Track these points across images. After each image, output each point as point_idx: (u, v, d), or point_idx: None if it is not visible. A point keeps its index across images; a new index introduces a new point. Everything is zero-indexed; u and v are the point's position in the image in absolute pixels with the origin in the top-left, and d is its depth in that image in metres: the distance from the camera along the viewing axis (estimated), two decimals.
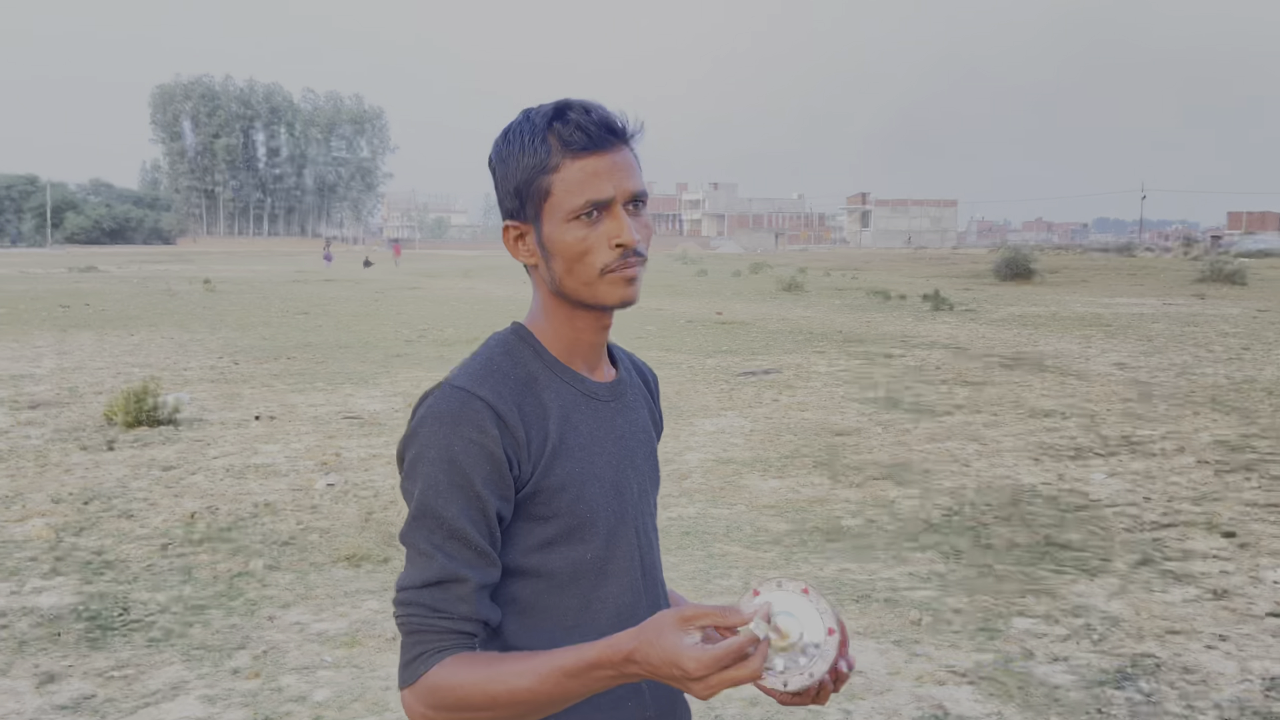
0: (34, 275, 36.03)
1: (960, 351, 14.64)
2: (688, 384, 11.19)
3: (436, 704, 1.16)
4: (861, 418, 9.30)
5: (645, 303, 24.50)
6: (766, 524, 5.90)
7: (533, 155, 1.24)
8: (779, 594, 1.18)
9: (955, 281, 34.89)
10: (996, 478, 7.04)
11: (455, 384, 1.22)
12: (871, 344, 15.60)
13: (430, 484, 1.19)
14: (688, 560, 5.22)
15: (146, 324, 17.93)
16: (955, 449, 7.99)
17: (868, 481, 6.93)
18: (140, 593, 4.73)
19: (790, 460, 7.54)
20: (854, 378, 11.85)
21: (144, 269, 42.83)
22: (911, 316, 20.83)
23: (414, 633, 1.20)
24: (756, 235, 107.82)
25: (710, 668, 1.04)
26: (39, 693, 3.66)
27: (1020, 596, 4.72)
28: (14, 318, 18.76)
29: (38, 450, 7.64)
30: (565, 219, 1.24)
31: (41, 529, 5.63)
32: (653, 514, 1.40)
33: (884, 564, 5.21)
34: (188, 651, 4.07)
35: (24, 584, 4.80)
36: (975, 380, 11.69)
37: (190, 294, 26.36)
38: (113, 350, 14.06)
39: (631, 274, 1.26)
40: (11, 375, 11.49)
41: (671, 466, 7.26)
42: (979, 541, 5.58)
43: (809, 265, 47.95)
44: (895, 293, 27.27)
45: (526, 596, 1.27)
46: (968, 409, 9.80)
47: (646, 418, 1.43)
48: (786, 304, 24.51)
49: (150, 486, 6.64)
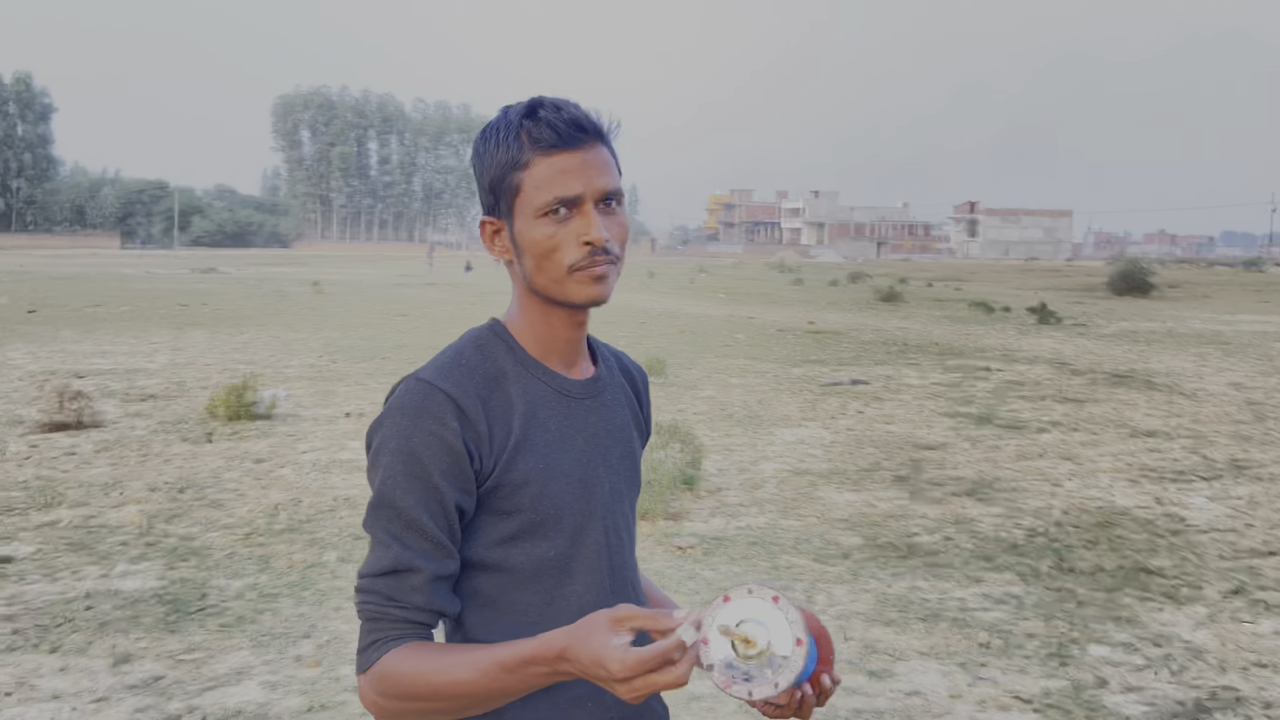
0: (158, 276, 37.96)
1: (1063, 367, 14.11)
2: (770, 393, 11.06)
3: (385, 691, 1.17)
4: (949, 433, 9.04)
5: (734, 310, 24.40)
6: (837, 537, 5.77)
7: (505, 152, 1.24)
8: (749, 601, 1.15)
9: (1065, 295, 33.68)
10: (1088, 499, 6.74)
11: (421, 377, 1.23)
12: (969, 357, 15.17)
13: (389, 474, 1.20)
14: (752, 570, 5.15)
15: (256, 323, 18.67)
16: (1047, 468, 7.69)
17: (948, 498, 6.72)
18: (219, 579, 4.91)
19: (869, 474, 7.37)
20: (946, 391, 11.53)
21: (260, 271, 44.67)
22: (1015, 330, 20.18)
23: (370, 620, 1.21)
24: (858, 244, 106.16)
25: (634, 670, 1.02)
26: (112, 672, 3.83)
27: (1099, 623, 4.50)
28: (136, 315, 19.79)
29: (141, 440, 8.03)
30: (535, 215, 1.23)
31: (135, 515, 5.90)
32: (627, 514, 1.38)
33: (957, 583, 5.04)
34: (256, 638, 4.20)
35: (113, 568, 5.03)
36: (1076, 397, 11.24)
37: (300, 296, 27.36)
38: (222, 348, 14.68)
39: (600, 272, 1.24)
40: (127, 369, 12.11)
41: (745, 476, 7.18)
42: (1061, 564, 5.34)
43: (911, 275, 46.95)
44: (999, 305, 26.46)
45: (489, 590, 1.26)
46: (1065, 427, 9.42)
47: (627, 417, 1.41)
48: (883, 314, 24.04)
49: (241, 478, 6.90)
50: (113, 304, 22.45)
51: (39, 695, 3.62)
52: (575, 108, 1.25)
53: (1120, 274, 33.49)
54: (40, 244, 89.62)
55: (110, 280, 33.07)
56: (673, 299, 29.18)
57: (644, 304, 26.62)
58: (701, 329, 19.26)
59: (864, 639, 4.30)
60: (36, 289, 27.18)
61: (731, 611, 1.14)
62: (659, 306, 25.67)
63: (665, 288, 35.50)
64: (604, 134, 1.27)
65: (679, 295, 31.13)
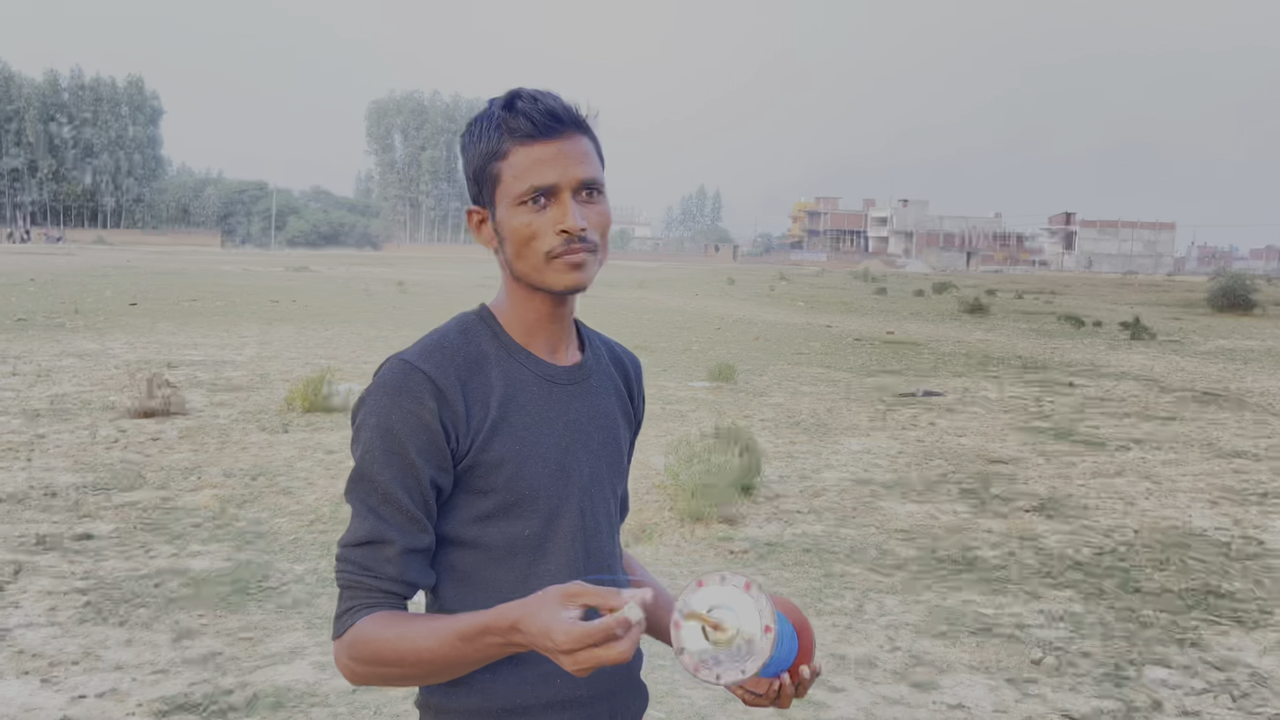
0: (254, 273, 39.33)
1: (1152, 384, 13.63)
2: (840, 402, 10.94)
3: (355, 656, 1.22)
4: (1024, 447, 8.82)
5: (812, 318, 24.17)
6: (894, 548, 5.69)
7: (486, 143, 1.28)
8: (721, 588, 1.17)
9: (1162, 310, 32.50)
10: (1163, 519, 6.50)
11: (403, 357, 1.27)
12: (1052, 371, 14.76)
13: (368, 449, 1.24)
14: (802, 578, 5.11)
15: (341, 320, 19.21)
16: (1123, 486, 7.44)
17: (1015, 513, 6.56)
18: (282, 562, 5.08)
19: (934, 486, 7.24)
20: (1025, 405, 11.24)
21: (349, 271, 45.91)
22: (1105, 345, 19.56)
23: (346, 588, 1.26)
24: (947, 255, 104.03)
25: (579, 642, 1.04)
26: (173, 647, 4.00)
27: (1161, 644, 4.34)
28: (229, 310, 20.55)
29: (222, 428, 8.34)
30: (514, 204, 1.27)
31: (209, 499, 6.14)
32: (608, 498, 1.40)
33: (1014, 599, 4.92)
34: (311, 620, 4.33)
35: (184, 548, 5.24)
36: (1162, 415, 10.85)
37: (385, 294, 28.05)
38: (307, 342, 15.15)
39: (578, 260, 1.27)
40: (216, 361, 12.59)
41: (806, 483, 7.12)
42: (1127, 584, 5.17)
43: (1000, 287, 45.85)
44: (1090, 319, 25.67)
45: (465, 566, 1.30)
46: (1147, 445, 9.11)
47: (613, 404, 1.43)
48: (966, 326, 23.53)
49: (312, 467, 7.12)
50: (209, 299, 23.34)
51: (103, 665, 3.80)
52: (553, 98, 1.27)
53: (1221, 290, 32.16)
54: (146, 240, 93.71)
55: (209, 276, 34.40)
56: (750, 306, 29.05)
57: (720, 310, 26.57)
58: (776, 336, 19.13)
59: (911, 650, 4.23)
60: (140, 283, 28.42)
61: (703, 597, 1.15)
62: (736, 313, 25.59)
63: (744, 295, 35.36)
64: (582, 124, 1.29)
65: (757, 302, 30.97)
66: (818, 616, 4.58)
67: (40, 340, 13.97)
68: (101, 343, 14.03)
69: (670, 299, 31.24)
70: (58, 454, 7.24)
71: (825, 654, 4.14)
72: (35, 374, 10.87)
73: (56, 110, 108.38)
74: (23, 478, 6.53)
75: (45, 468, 6.82)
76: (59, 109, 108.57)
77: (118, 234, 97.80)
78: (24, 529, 5.44)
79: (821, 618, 4.56)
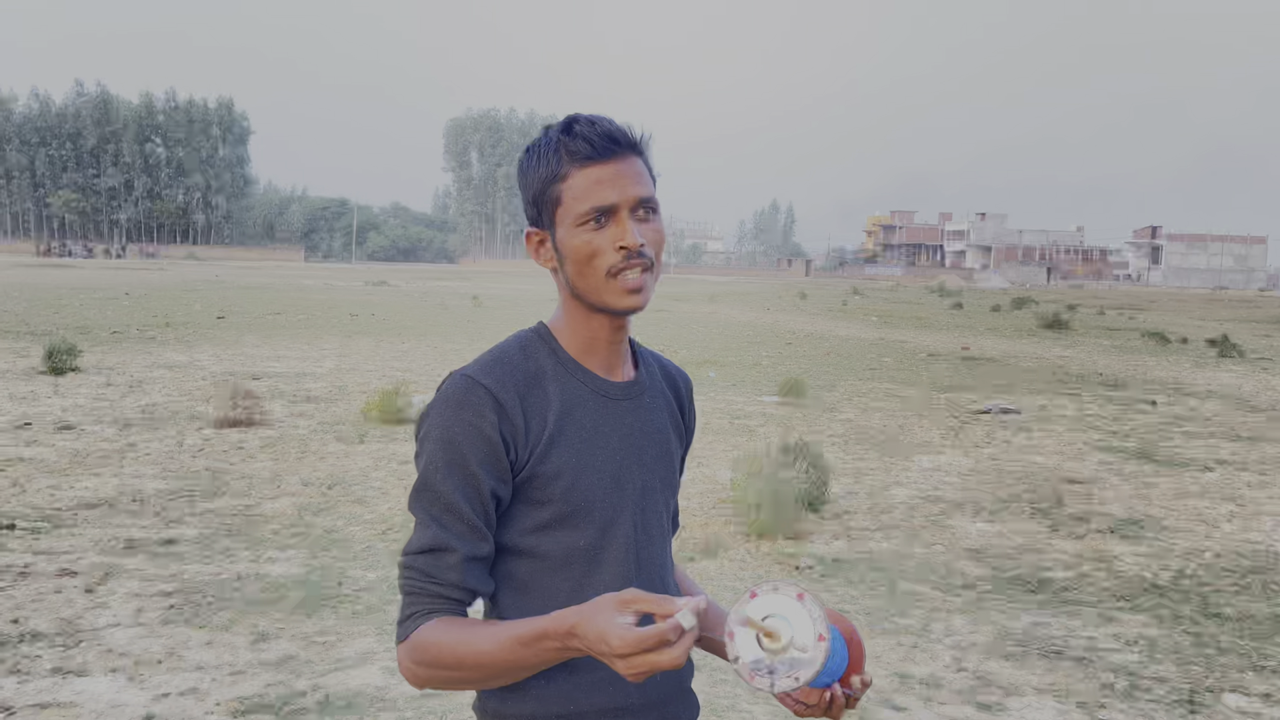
0: (335, 287, 40.38)
1: (1240, 403, 13.16)
2: (912, 418, 10.80)
3: (418, 660, 1.28)
4: (1101, 467, 8.60)
5: (885, 333, 23.87)
6: (963, 567, 5.61)
7: (546, 166, 1.34)
8: (774, 598, 1.20)
9: (1253, 327, 31.33)
10: (1246, 542, 6.29)
11: (465, 372, 1.34)
12: (1134, 389, 14.35)
13: (431, 461, 1.31)
14: (868, 595, 5.07)
15: (417, 334, 19.62)
16: (1205, 508, 7.21)
17: (1090, 534, 6.41)
18: (355, 570, 5.22)
19: (1006, 504, 7.11)
20: (1104, 424, 10.95)
21: (426, 285, 46.82)
22: (1190, 362, 18.94)
23: (409, 594, 1.32)
24: (1026, 269, 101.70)
25: (634, 647, 1.08)
26: (251, 649, 4.15)
27: (1239, 671, 4.21)
28: (310, 323, 21.15)
29: (301, 439, 8.60)
30: (574, 224, 1.32)
31: (287, 507, 6.35)
32: (660, 511, 1.44)
33: (1087, 622, 4.81)
34: (381, 626, 4.45)
35: (263, 553, 5.43)
36: (1249, 436, 10.47)
37: (460, 309, 28.55)
38: (384, 355, 15.51)
39: (636, 283, 1.32)
40: (297, 373, 12.98)
41: (874, 500, 7.06)
42: (1205, 608, 5.02)
43: (1082, 302, 44.68)
44: (1176, 336, 24.87)
45: (523, 575, 1.36)
46: (1232, 466, 8.81)
47: (665, 420, 1.48)
48: (1046, 342, 23.00)
49: (386, 477, 7.30)
50: (292, 312, 24.05)
51: (185, 665, 3.96)
52: (609, 122, 1.33)
53: None
54: (234, 255, 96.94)
55: (292, 291, 35.43)
56: (822, 320, 28.82)
57: (792, 325, 26.42)
58: (848, 351, 18.95)
59: (978, 671, 4.18)
60: (227, 297, 29.41)
61: (758, 606, 1.19)
62: (808, 328, 25.41)
63: (816, 309, 35.09)
64: (637, 145, 1.35)
65: (829, 317, 30.71)
66: (883, 635, 4.54)
67: (133, 352, 14.57)
68: (190, 355, 14.58)
69: (741, 313, 31.16)
70: (147, 462, 7.55)
71: (890, 673, 4.11)
72: (128, 385, 11.34)
73: (152, 131, 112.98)
74: (114, 484, 6.83)
75: (135, 474, 7.13)
76: (154, 130, 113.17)
77: (207, 250, 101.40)
78: (114, 533, 5.69)
79: (887, 636, 4.53)
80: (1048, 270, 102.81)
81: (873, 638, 4.50)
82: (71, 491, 6.58)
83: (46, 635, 4.20)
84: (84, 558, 5.24)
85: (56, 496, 6.45)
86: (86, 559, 5.22)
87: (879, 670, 4.12)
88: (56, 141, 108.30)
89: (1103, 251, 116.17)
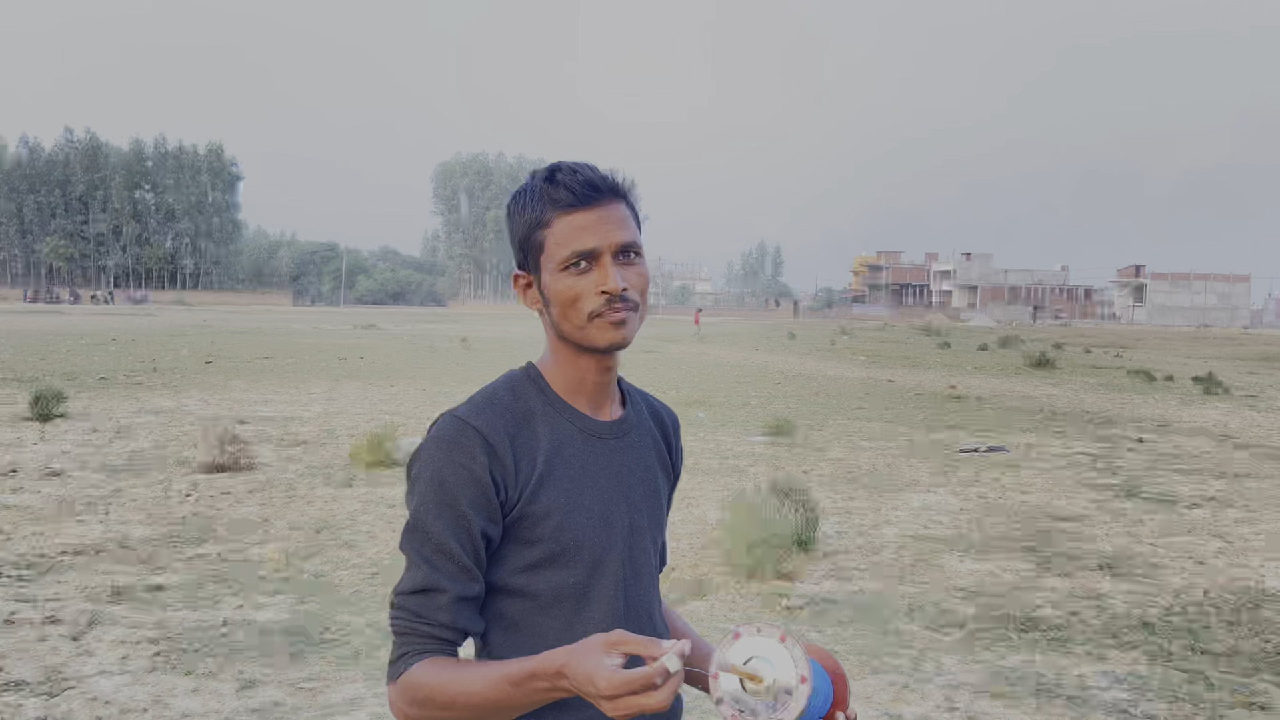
0: (324, 330, 40.35)
1: (1226, 440, 13.23)
2: (901, 458, 10.82)
3: (409, 700, 1.29)
4: (1090, 504, 8.63)
5: (873, 373, 23.96)
6: (953, 606, 5.61)
7: (530, 213, 1.38)
8: (756, 639, 1.21)
9: (1238, 364, 31.58)
10: (1235, 579, 6.31)
11: (456, 413, 1.36)
12: (1121, 427, 14.42)
13: (423, 501, 1.33)
14: (859, 636, 5.06)
15: (406, 377, 19.59)
16: (1193, 544, 7.23)
17: (1080, 572, 6.42)
18: (343, 615, 5.19)
19: (996, 543, 7.12)
20: (1091, 462, 11.00)
21: (415, 328, 46.84)
22: (1176, 400, 19.04)
23: (400, 634, 1.33)
24: (1012, 309, 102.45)
25: (619, 689, 1.09)
26: (238, 695, 4.11)
27: (1229, 708, 4.21)
28: (299, 367, 21.11)
29: (289, 483, 8.57)
30: (558, 269, 1.36)
31: (274, 552, 6.31)
32: (648, 549, 1.46)
33: (1077, 660, 4.81)
34: (370, 671, 4.42)
35: (250, 599, 5.39)
36: (1236, 472, 10.52)
37: (449, 351, 28.55)
38: (372, 399, 15.48)
39: (619, 319, 1.35)
40: (285, 417, 12.94)
41: (864, 539, 7.06)
42: (1195, 645, 5.02)
43: (1068, 341, 44.98)
44: (1161, 374, 25.04)
45: (513, 614, 1.37)
46: (1219, 503, 8.84)
47: (652, 458, 1.50)
48: (1033, 381, 23.11)
49: (374, 521, 7.27)
50: (280, 356, 24.01)
51: (170, 714, 3.92)
52: (591, 170, 1.37)
53: None
54: (222, 300, 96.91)
55: (280, 335, 35.38)
56: (811, 360, 28.92)
57: (781, 365, 26.49)
58: (837, 391, 19.01)
59: (969, 710, 4.16)
60: (215, 341, 29.35)
61: (740, 649, 1.21)
62: (796, 367, 25.49)
63: (805, 349, 35.22)
64: (619, 191, 1.39)
65: (817, 357, 30.82)
66: (874, 675, 4.53)
67: (120, 398, 14.51)
68: (177, 400, 14.52)
69: (730, 354, 31.25)
70: (133, 508, 7.50)
71: (881, 713, 4.10)
72: (114, 431, 11.29)
73: (141, 177, 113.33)
74: (99, 530, 6.78)
75: (121, 520, 7.08)
76: (143, 176, 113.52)
77: (196, 295, 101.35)
78: (100, 580, 5.65)
79: (877, 676, 4.52)
80: (1034, 309, 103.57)
81: (863, 677, 4.49)
82: (57, 538, 6.53)
83: (30, 684, 4.15)
84: (69, 605, 5.20)
85: (42, 543, 6.40)
86: (72, 606, 5.17)
87: (870, 710, 4.11)
88: (45, 188, 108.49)
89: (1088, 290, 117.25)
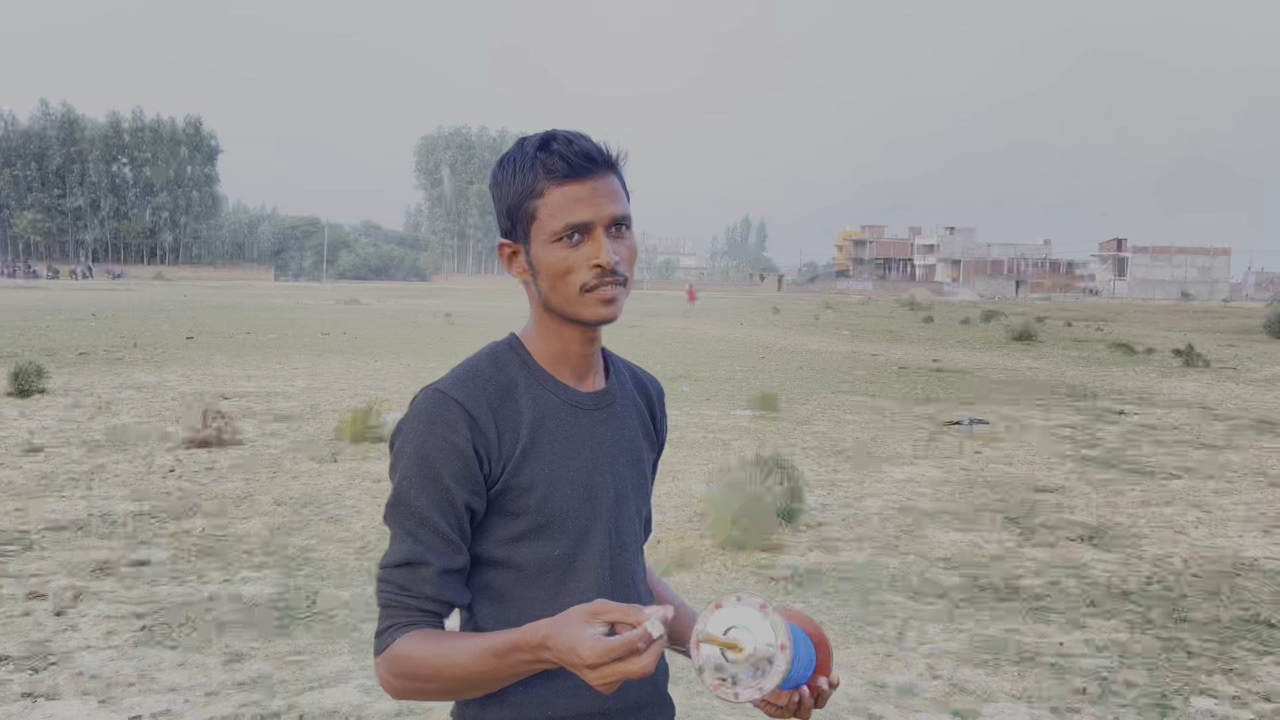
0: (306, 306, 40.10)
1: (1205, 412, 13.36)
2: (884, 431, 10.88)
3: (395, 672, 1.29)
4: (1071, 476, 8.71)
5: (857, 347, 24.04)
6: (936, 576, 5.66)
7: (521, 181, 1.35)
8: (737, 609, 1.22)
9: (1217, 337, 31.84)
10: (1214, 548, 6.39)
11: (437, 387, 1.35)
12: (1102, 399, 14.53)
13: (405, 475, 1.32)
14: (843, 605, 5.10)
15: (390, 352, 19.52)
16: (1173, 515, 7.32)
17: (1061, 542, 6.48)
18: (329, 589, 5.19)
19: (979, 514, 7.18)
20: (1073, 434, 11.09)
21: (398, 303, 46.62)
22: (1156, 373, 19.21)
23: (385, 607, 1.33)
24: (995, 282, 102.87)
25: (604, 657, 1.10)
26: (224, 669, 4.11)
27: (1208, 675, 4.27)
28: (281, 342, 20.99)
29: (274, 458, 8.53)
30: (549, 240, 1.34)
31: (260, 527, 6.29)
32: (632, 518, 1.46)
33: (1058, 628, 4.87)
34: (357, 644, 4.42)
35: (235, 574, 5.39)
36: (1215, 444, 10.64)
37: (432, 326, 28.45)
38: (356, 374, 15.42)
39: (609, 294, 1.34)
40: (268, 392, 12.88)
41: (848, 512, 7.11)
42: (1174, 613, 5.09)
43: (1049, 315, 45.24)
44: (1142, 347, 25.24)
45: (499, 585, 1.37)
46: (1199, 474, 8.94)
47: (636, 428, 1.50)
48: (1015, 354, 23.25)
49: (360, 496, 7.26)
50: (262, 332, 23.87)
51: (157, 687, 3.92)
52: (586, 140, 1.35)
53: (1278, 315, 31.43)
54: (203, 275, 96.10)
55: (262, 310, 35.15)
56: (795, 334, 28.98)
57: (765, 339, 26.54)
58: (821, 365, 19.07)
59: (953, 679, 4.21)
60: (196, 317, 29.14)
61: (721, 618, 1.21)
62: (780, 342, 25.54)
63: (789, 323, 35.28)
64: (613, 164, 1.37)
65: (802, 331, 30.89)
66: (858, 644, 4.58)
67: (101, 374, 14.40)
68: (159, 375, 14.42)
69: (715, 328, 31.27)
70: (116, 483, 7.46)
71: (865, 681, 4.14)
72: (96, 406, 11.20)
73: (118, 151, 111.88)
74: (83, 506, 6.74)
75: (104, 496, 7.04)
76: (120, 150, 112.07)
77: (175, 270, 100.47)
78: (84, 555, 5.62)
79: (861, 645, 4.56)
80: (1016, 283, 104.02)
81: (847, 647, 4.53)
82: (40, 514, 6.49)
83: (15, 658, 4.14)
84: (53, 580, 5.18)
85: (24, 519, 6.37)
86: (56, 581, 5.15)
87: (854, 679, 4.15)
88: (21, 161, 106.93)
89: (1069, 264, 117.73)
